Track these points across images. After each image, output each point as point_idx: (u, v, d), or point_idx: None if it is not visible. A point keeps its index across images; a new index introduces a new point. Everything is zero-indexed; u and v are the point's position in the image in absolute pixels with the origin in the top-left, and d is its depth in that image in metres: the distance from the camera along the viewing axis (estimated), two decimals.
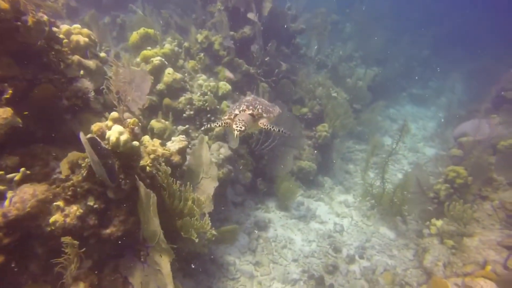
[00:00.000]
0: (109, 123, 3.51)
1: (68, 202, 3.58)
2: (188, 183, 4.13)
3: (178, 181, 4.32)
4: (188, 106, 6.75)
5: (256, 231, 7.42)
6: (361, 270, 6.94)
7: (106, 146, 3.39)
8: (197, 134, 6.68)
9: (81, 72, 4.07)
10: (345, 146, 12.20)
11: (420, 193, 8.53)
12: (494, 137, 9.41)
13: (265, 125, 4.26)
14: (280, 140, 7.76)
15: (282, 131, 4.30)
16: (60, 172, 3.70)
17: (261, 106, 4.34)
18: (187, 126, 6.45)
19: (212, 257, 6.43)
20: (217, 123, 4.30)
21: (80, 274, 3.76)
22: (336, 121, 10.03)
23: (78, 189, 3.67)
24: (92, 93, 4.05)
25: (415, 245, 7.78)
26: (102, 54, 4.79)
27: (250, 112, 4.21)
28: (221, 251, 6.68)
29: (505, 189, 8.00)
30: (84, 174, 3.63)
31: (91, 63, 4.22)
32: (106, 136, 3.36)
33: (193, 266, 5.28)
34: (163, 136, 5.80)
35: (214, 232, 4.52)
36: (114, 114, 3.52)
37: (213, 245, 6.48)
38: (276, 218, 8.04)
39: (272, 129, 4.26)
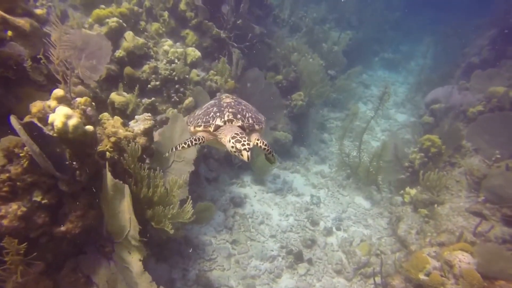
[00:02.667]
0: (51, 103, 2.82)
1: (5, 200, 2.94)
2: (158, 168, 3.59)
3: (146, 166, 3.77)
4: (153, 76, 5.97)
5: (232, 208, 7.12)
6: (338, 242, 6.95)
7: (51, 133, 2.73)
8: (164, 107, 6.00)
9: (9, 33, 3.22)
10: (320, 115, 11.95)
11: (395, 162, 8.56)
12: (464, 104, 9.50)
13: (262, 143, 3.08)
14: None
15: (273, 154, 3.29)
16: None
17: (250, 114, 3.23)
18: (153, 98, 5.74)
19: (186, 238, 6.09)
20: (191, 141, 3.11)
21: (28, 282, 3.21)
22: (312, 89, 9.61)
23: (18, 183, 3.02)
24: (29, 62, 3.26)
25: (389, 213, 7.89)
26: (39, 11, 3.87)
27: (240, 123, 3.07)
28: (196, 231, 6.34)
29: (471, 155, 8.17)
30: (25, 165, 2.98)
31: (22, 22, 3.35)
32: (49, 121, 2.69)
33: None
34: (126, 112, 5.10)
35: (189, 215, 4.09)
36: (58, 91, 2.82)
37: (187, 225, 6.11)
38: (252, 193, 7.75)
39: (267, 151, 3.13)
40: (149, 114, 3.93)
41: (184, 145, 3.07)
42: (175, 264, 5.65)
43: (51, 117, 2.66)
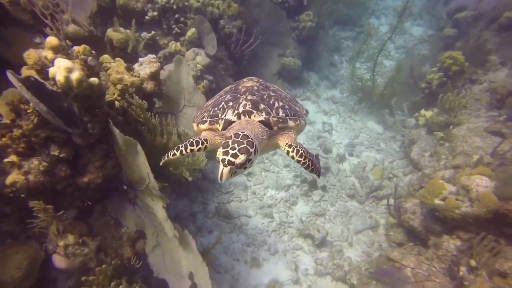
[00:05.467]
0: (48, 54, 2.55)
1: (24, 156, 2.91)
2: (170, 116, 3.45)
3: (158, 110, 3.64)
4: (149, 6, 5.41)
5: None
6: (351, 167, 7.08)
7: (54, 88, 2.53)
8: (166, 41, 5.57)
9: None
10: (330, 35, 11.10)
11: (411, 83, 8.20)
12: (498, 7, 8.30)
13: (294, 150, 2.15)
14: (263, 38, 6.72)
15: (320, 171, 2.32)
16: (1, 116, 2.88)
17: (281, 103, 2.25)
18: (153, 32, 5.27)
19: (202, 173, 6.25)
20: (186, 145, 2.20)
21: (66, 226, 3.41)
22: (322, 7, 8.72)
23: (33, 139, 2.96)
24: None
25: (401, 136, 7.86)
26: None
27: (263, 117, 2.11)
28: (212, 166, 6.43)
29: (496, 69, 7.61)
30: (36, 121, 2.86)
31: None
32: (50, 75, 2.47)
33: None
34: (127, 50, 4.72)
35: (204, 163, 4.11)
36: (52, 40, 2.52)
37: None
38: None
39: (305, 164, 2.18)
40: (154, 56, 3.62)
41: (176, 152, 2.23)
42: (195, 199, 5.91)
43: (51, 71, 2.44)
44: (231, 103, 2.20)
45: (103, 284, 3.38)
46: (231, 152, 1.82)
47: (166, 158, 2.35)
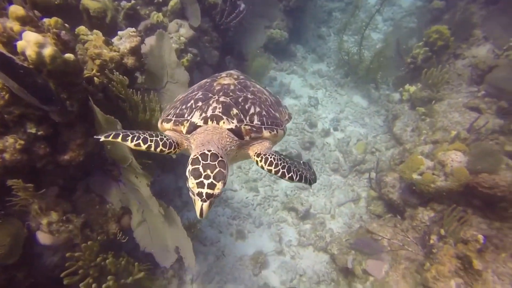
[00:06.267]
0: (13, 25, 2.39)
1: None
2: (152, 92, 3.36)
3: (140, 87, 3.54)
4: None
5: None
6: (335, 142, 7.18)
7: (25, 64, 2.41)
8: (147, 11, 5.31)
9: None
10: (318, 6, 10.82)
11: (397, 57, 8.19)
12: None
13: (264, 159, 1.91)
14: (249, 9, 6.49)
15: (306, 177, 2.00)
16: None
17: (258, 109, 2.00)
18: (133, 1, 4.99)
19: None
20: (156, 141, 1.89)
21: (48, 204, 3.39)
22: None
23: (6, 116, 2.85)
24: None
25: (385, 111, 7.95)
26: None
27: (233, 125, 1.87)
28: None
29: (480, 43, 7.68)
30: (7, 97, 2.74)
31: None
32: (19, 49, 2.34)
33: None
34: (105, 20, 4.48)
35: None
36: (16, 9, 2.34)
37: None
38: None
39: (279, 173, 1.91)
40: (134, 29, 3.45)
41: (141, 144, 1.89)
42: (180, 174, 5.92)
43: (20, 45, 2.30)
44: (200, 103, 1.94)
45: (89, 259, 3.44)
46: (206, 182, 1.59)
47: (123, 141, 1.91)
